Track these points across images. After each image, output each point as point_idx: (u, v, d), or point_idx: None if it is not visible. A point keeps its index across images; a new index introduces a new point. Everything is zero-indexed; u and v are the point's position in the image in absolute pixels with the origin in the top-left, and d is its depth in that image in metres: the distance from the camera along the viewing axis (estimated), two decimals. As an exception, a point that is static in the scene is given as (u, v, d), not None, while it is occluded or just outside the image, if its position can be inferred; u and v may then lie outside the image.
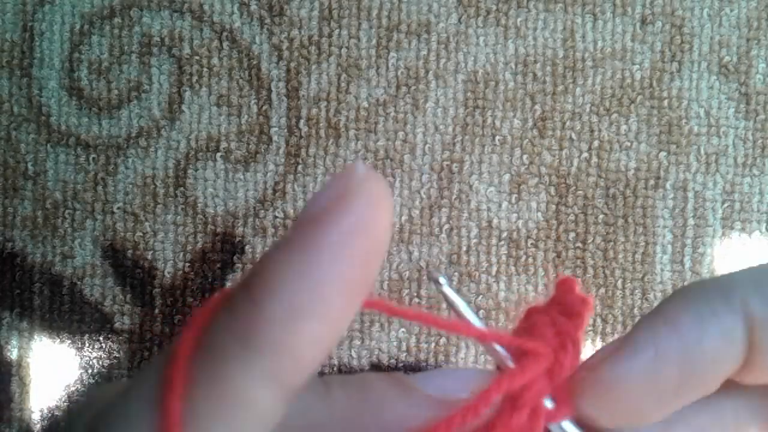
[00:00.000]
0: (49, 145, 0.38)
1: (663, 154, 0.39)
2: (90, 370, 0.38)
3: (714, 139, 0.39)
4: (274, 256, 0.14)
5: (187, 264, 0.38)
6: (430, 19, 0.38)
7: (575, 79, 0.38)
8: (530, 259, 0.38)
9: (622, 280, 0.38)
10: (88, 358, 0.38)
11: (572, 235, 0.38)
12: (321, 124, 0.38)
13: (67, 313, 0.38)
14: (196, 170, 0.38)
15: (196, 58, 0.38)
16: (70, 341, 0.38)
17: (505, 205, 0.38)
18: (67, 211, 0.38)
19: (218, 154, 0.38)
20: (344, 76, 0.38)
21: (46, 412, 0.38)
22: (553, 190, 0.38)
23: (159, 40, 0.38)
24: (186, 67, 0.38)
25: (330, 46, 0.38)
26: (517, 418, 0.15)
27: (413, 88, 0.38)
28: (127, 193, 0.38)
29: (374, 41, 0.38)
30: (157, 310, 0.38)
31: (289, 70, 0.38)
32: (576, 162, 0.38)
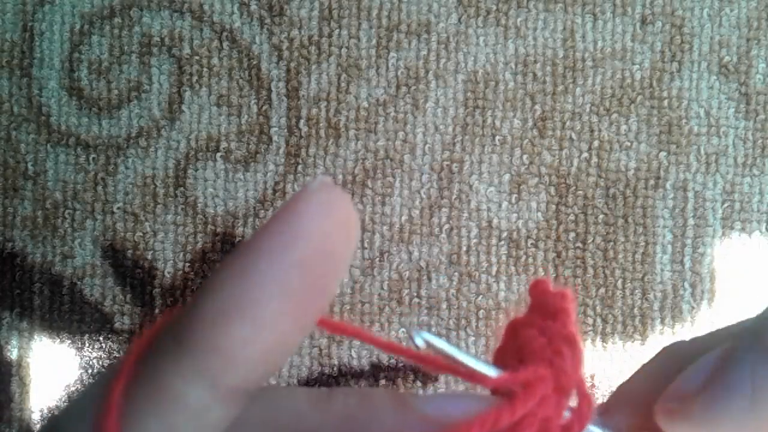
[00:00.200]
0: (49, 145, 0.38)
1: (663, 154, 0.39)
2: (90, 370, 0.38)
3: (714, 139, 0.39)
4: (222, 262, 0.14)
5: (187, 264, 0.38)
6: (430, 19, 0.38)
7: (575, 79, 0.38)
8: (530, 259, 0.38)
9: (622, 280, 0.38)
10: (88, 358, 0.38)
11: (572, 235, 0.38)
12: (321, 124, 0.38)
13: (67, 313, 0.38)
14: (196, 170, 0.38)
15: (196, 58, 0.38)
16: (70, 341, 0.38)
17: (505, 205, 0.38)
18: (67, 211, 0.38)
19: (218, 154, 0.38)
20: (344, 76, 0.38)
21: (46, 412, 0.38)
22: (553, 190, 0.38)
23: (159, 40, 0.38)
24: (186, 67, 0.38)
25: (330, 46, 0.38)
26: None
27: (413, 88, 0.38)
28: (127, 193, 0.38)
29: (374, 41, 0.38)
30: (157, 310, 0.38)
31: (289, 70, 0.38)
32: (576, 162, 0.39)
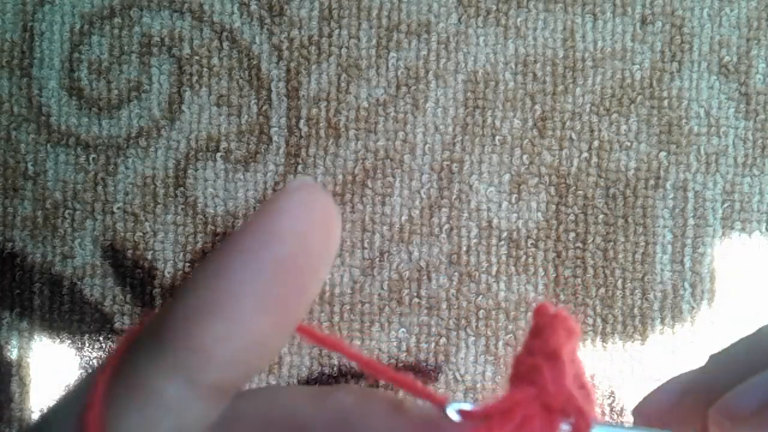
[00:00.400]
0: (49, 145, 0.38)
1: (663, 154, 0.39)
2: (90, 370, 0.38)
3: (714, 139, 0.39)
4: (202, 261, 0.15)
5: (187, 264, 0.38)
6: (430, 19, 0.38)
7: (575, 79, 0.38)
8: (530, 259, 0.38)
9: (622, 280, 0.38)
10: (88, 358, 0.38)
11: (572, 235, 0.38)
12: (321, 124, 0.38)
13: (67, 313, 0.38)
14: (196, 170, 0.38)
15: (196, 58, 0.38)
16: (70, 341, 0.38)
17: (505, 205, 0.38)
18: (67, 211, 0.38)
19: (218, 154, 0.38)
20: (344, 76, 0.38)
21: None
22: (553, 190, 0.38)
23: (159, 40, 0.38)
24: (186, 67, 0.38)
25: (330, 46, 0.38)
26: None
27: (413, 88, 0.38)
28: (127, 193, 0.38)
29: (374, 41, 0.38)
30: (157, 310, 0.38)
31: (289, 70, 0.38)
32: (576, 162, 0.39)
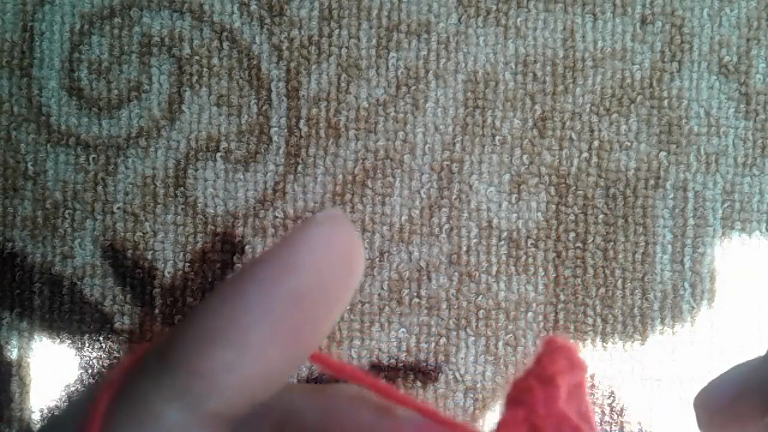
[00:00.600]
0: (49, 145, 0.38)
1: (663, 154, 0.39)
2: (90, 370, 0.38)
3: (714, 139, 0.39)
4: (217, 286, 0.15)
5: (187, 264, 0.38)
6: (430, 19, 0.38)
7: (575, 79, 0.38)
8: (530, 259, 0.38)
9: (622, 280, 0.38)
10: (88, 358, 0.38)
11: (572, 235, 0.38)
12: (321, 124, 0.38)
13: (67, 313, 0.38)
14: (196, 170, 0.38)
15: (196, 58, 0.38)
16: (70, 341, 0.38)
17: (505, 205, 0.38)
18: (67, 211, 0.38)
19: (218, 154, 0.38)
20: (344, 76, 0.38)
21: (46, 412, 0.38)
22: (553, 190, 0.38)
23: (159, 40, 0.39)
24: (186, 67, 0.38)
25: (330, 46, 0.38)
26: None
27: (413, 88, 0.38)
28: (127, 193, 0.38)
29: (374, 41, 0.38)
30: (157, 310, 0.38)
31: (289, 70, 0.38)
32: (576, 162, 0.39)
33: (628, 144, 0.39)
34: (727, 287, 0.38)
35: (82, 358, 0.38)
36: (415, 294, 0.38)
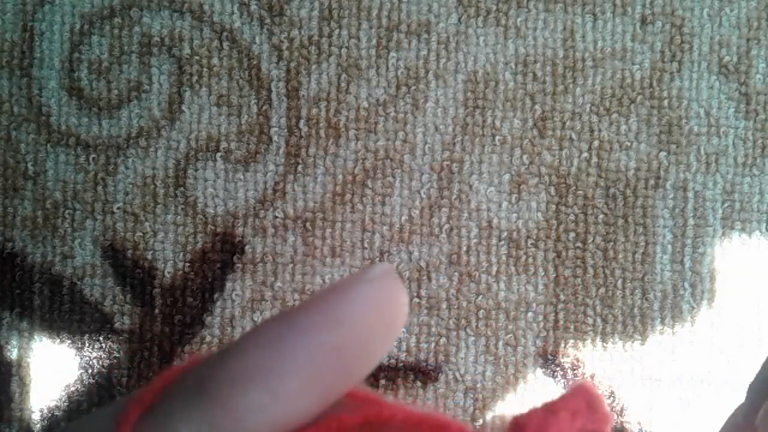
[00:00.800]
0: (49, 145, 0.38)
1: (663, 154, 0.39)
2: (90, 370, 0.38)
3: (714, 139, 0.39)
4: (263, 323, 0.15)
5: (187, 264, 0.38)
6: (430, 19, 0.38)
7: (575, 79, 0.38)
8: (530, 259, 0.38)
9: (622, 280, 0.38)
10: (88, 358, 0.38)
11: (572, 235, 0.38)
12: (321, 124, 0.38)
13: (67, 313, 0.38)
14: (196, 170, 0.38)
15: (196, 58, 0.38)
16: (70, 341, 0.38)
17: (505, 205, 0.38)
18: (67, 211, 0.38)
19: (218, 154, 0.38)
20: (344, 76, 0.38)
21: (46, 412, 0.38)
22: (553, 190, 0.38)
23: (159, 40, 0.39)
24: (186, 67, 0.38)
25: (330, 46, 0.38)
26: None
27: (413, 88, 0.38)
28: (127, 193, 0.38)
29: (374, 41, 0.38)
30: (157, 310, 0.38)
31: (289, 70, 0.38)
32: (576, 162, 0.39)
33: (628, 144, 0.39)
34: (727, 287, 0.38)
35: (82, 358, 0.38)
36: (415, 294, 0.38)
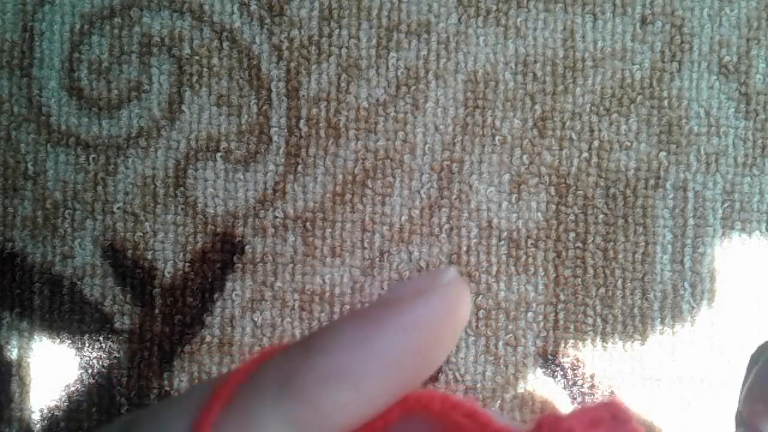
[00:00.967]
0: (49, 145, 0.38)
1: (663, 154, 0.39)
2: (90, 370, 0.38)
3: (714, 139, 0.39)
4: (340, 322, 0.15)
5: (187, 264, 0.38)
6: (430, 19, 0.38)
7: (575, 79, 0.38)
8: (530, 259, 0.38)
9: (622, 280, 0.38)
10: (88, 358, 0.38)
11: (572, 235, 0.38)
12: (321, 124, 0.38)
13: (67, 313, 0.38)
14: (196, 170, 0.38)
15: (196, 58, 0.38)
16: (70, 341, 0.38)
17: (505, 205, 0.38)
18: (67, 211, 0.38)
19: (218, 154, 0.38)
20: (344, 76, 0.38)
21: (46, 412, 0.38)
22: (553, 190, 0.38)
23: (159, 40, 0.39)
24: (186, 67, 0.38)
25: (330, 46, 0.38)
26: None
27: (413, 88, 0.38)
28: (127, 193, 0.38)
29: (374, 41, 0.38)
30: (157, 310, 0.38)
31: (289, 70, 0.38)
32: (576, 162, 0.39)
33: (628, 144, 0.39)
34: (727, 287, 0.38)
35: (82, 358, 0.38)
36: (415, 294, 0.38)
